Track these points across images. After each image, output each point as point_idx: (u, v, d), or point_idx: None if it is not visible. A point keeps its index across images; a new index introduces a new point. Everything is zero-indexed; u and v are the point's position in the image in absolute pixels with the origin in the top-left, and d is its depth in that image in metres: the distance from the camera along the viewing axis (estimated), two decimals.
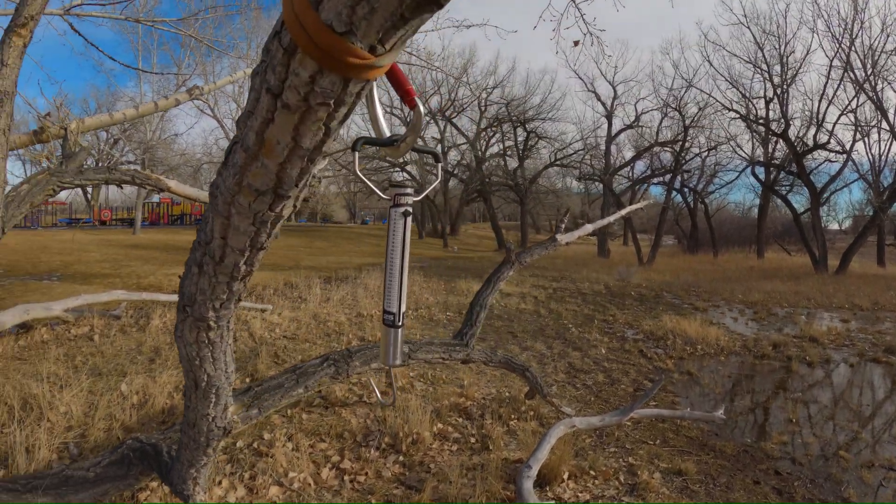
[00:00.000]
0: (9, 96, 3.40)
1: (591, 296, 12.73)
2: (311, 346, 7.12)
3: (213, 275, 1.48)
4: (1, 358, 6.04)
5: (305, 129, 0.89)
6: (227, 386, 2.13)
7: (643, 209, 7.86)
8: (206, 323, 1.69)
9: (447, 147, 39.97)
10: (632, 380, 6.36)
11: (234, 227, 1.25)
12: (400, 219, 1.47)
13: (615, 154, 32.68)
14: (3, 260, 15.97)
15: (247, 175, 1.07)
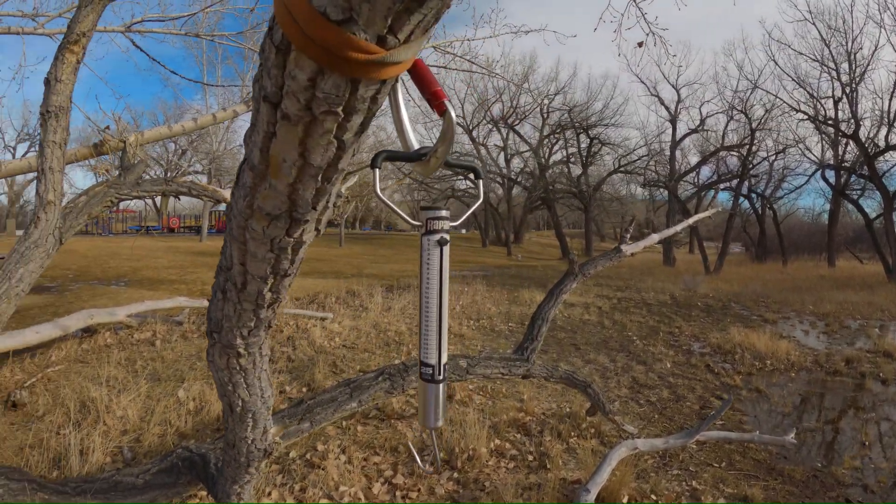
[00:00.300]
0: (63, 111, 3.47)
1: (657, 306, 12.33)
2: (369, 356, 7.05)
3: (238, 302, 1.37)
4: (64, 360, 6.17)
5: (313, 144, 0.75)
6: (265, 410, 2.03)
7: (711, 219, 7.55)
8: (234, 350, 1.59)
9: (510, 155, 39.77)
10: (698, 396, 6.05)
11: (251, 254, 1.13)
12: (434, 248, 1.18)
13: (680, 159, 31.77)
14: (74, 265, 16.57)
15: (257, 197, 0.95)
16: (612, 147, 35.76)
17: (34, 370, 5.80)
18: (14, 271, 3.47)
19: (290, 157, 0.79)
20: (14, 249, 3.55)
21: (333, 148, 0.77)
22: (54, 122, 3.46)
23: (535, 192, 36.85)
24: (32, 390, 5.22)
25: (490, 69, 7.13)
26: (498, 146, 40.39)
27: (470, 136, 38.66)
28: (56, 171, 3.53)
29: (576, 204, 38.96)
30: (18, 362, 5.96)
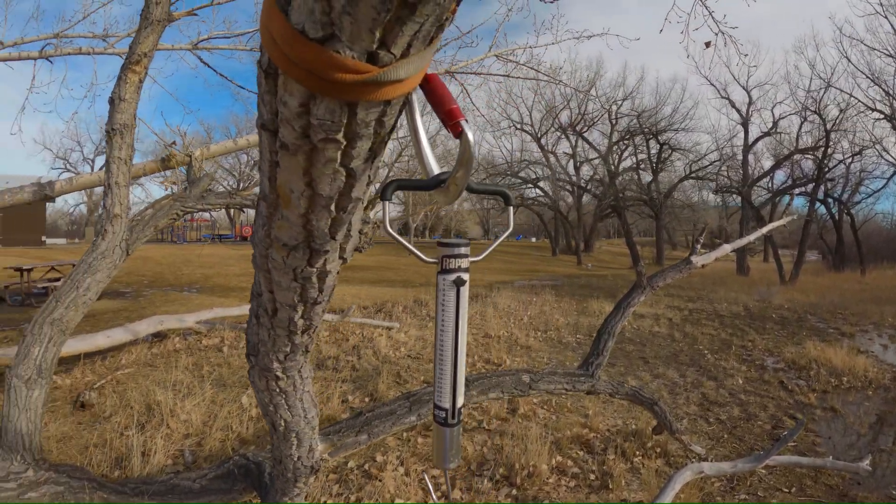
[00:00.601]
0: (128, 128, 3.57)
1: (729, 318, 11.89)
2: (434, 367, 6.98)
3: (271, 327, 1.33)
4: (133, 364, 6.35)
5: (318, 174, 0.69)
6: (310, 430, 1.99)
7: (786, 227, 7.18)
8: (272, 373, 1.55)
9: (579, 162, 39.32)
10: (770, 415, 5.76)
11: (276, 282, 1.09)
12: (450, 289, 1.03)
13: (753, 164, 30.54)
14: (149, 272, 17.17)
15: (273, 228, 0.90)
16: (683, 152, 34.81)
17: (104, 372, 5.99)
18: (82, 281, 3.56)
19: (296, 187, 0.73)
20: (82, 260, 3.65)
21: (342, 177, 0.70)
22: (119, 139, 3.56)
23: (605, 200, 36.21)
24: (101, 392, 5.39)
25: (554, 76, 7.00)
26: (567, 153, 40.02)
27: (538, 143, 38.43)
28: (122, 186, 3.62)
29: (646, 211, 38.16)
30: (89, 364, 6.17)
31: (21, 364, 3.29)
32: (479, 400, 3.55)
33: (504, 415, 5.28)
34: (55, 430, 4.58)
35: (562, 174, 39.15)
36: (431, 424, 3.82)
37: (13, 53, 7.10)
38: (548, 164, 38.20)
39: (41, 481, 3.02)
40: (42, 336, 3.40)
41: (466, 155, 0.79)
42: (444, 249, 1.04)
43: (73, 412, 5.01)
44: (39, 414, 3.30)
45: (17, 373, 3.27)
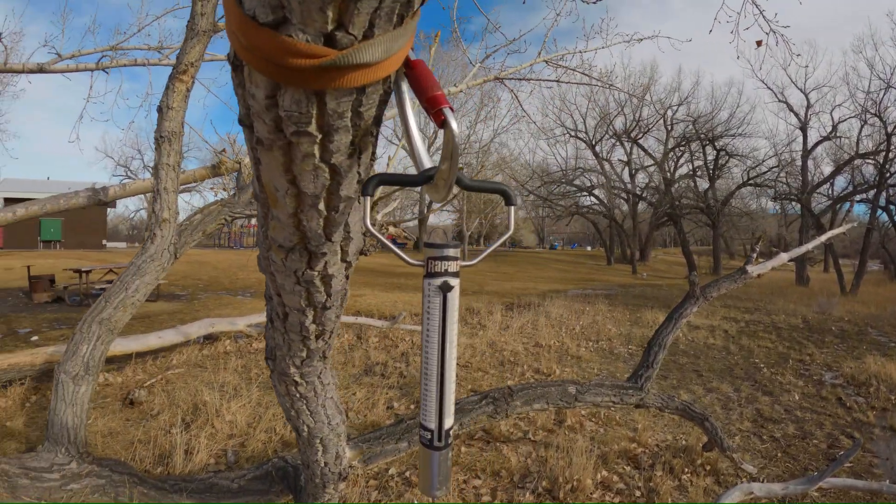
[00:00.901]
0: (176, 135, 3.66)
1: (787, 330, 11.48)
2: (483, 376, 6.96)
3: (284, 332, 1.30)
4: (184, 364, 6.47)
5: (299, 170, 0.65)
6: (335, 437, 1.96)
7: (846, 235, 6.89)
8: (290, 378, 1.52)
9: (634, 169, 38.75)
10: (826, 434, 5.50)
11: (280, 286, 1.04)
12: (436, 295, 0.92)
13: (812, 170, 29.38)
14: (205, 276, 17.56)
15: (268, 229, 0.86)
16: (740, 158, 33.69)
17: (155, 371, 6.13)
18: (130, 282, 3.64)
19: (280, 185, 0.69)
20: (132, 262, 3.73)
21: (325, 174, 0.66)
22: (167, 146, 3.65)
23: (661, 208, 35.45)
24: (151, 390, 5.50)
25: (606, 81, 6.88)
26: (622, 161, 39.46)
27: (593, 151, 38.02)
28: (170, 192, 3.70)
29: (703, 220, 37.24)
30: (141, 364, 6.32)
31: (69, 360, 3.36)
32: (522, 411, 3.49)
33: (550, 426, 5.18)
34: (103, 426, 4.69)
35: (617, 182, 38.61)
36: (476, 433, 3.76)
37: (71, 65, 7.37)
38: (602, 172, 37.74)
39: (83, 474, 3.08)
40: (91, 334, 3.47)
41: (451, 146, 0.70)
42: (429, 251, 0.92)
43: (122, 409, 5.13)
44: (85, 409, 3.37)
45: (65, 369, 3.35)
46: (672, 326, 4.26)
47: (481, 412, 3.34)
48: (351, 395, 5.69)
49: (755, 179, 32.78)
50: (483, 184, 0.93)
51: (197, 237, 4.01)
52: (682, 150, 36.62)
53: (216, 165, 5.02)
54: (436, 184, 0.78)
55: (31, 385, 5.51)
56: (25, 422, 4.77)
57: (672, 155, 36.96)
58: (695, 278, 4.35)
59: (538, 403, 3.52)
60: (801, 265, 26.50)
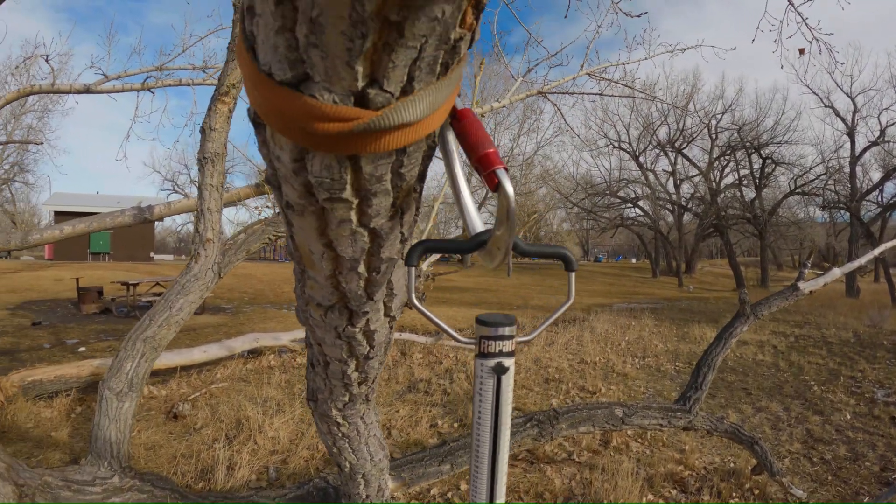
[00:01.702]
0: (219, 156, 3.70)
1: (838, 345, 11.12)
2: (527, 393, 6.88)
3: (325, 377, 1.25)
4: (228, 379, 6.52)
5: (335, 235, 0.60)
6: (377, 472, 1.92)
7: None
8: (332, 420, 1.48)
9: (679, 180, 38.22)
10: (879, 455, 5.27)
11: (321, 339, 0.99)
12: (489, 377, 0.83)
13: (861, 176, 28.58)
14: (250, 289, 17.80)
15: (305, 287, 0.81)
16: (787, 166, 32.93)
17: (199, 385, 6.19)
18: (175, 301, 3.67)
19: (315, 248, 0.65)
20: (176, 281, 3.77)
21: (364, 238, 0.61)
22: (210, 167, 3.68)
23: (707, 219, 34.85)
24: (194, 404, 5.55)
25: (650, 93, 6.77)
26: (666, 171, 38.97)
27: (637, 161, 37.67)
28: (214, 212, 3.74)
29: (750, 230, 36.44)
30: (185, 377, 6.39)
31: (113, 377, 3.39)
32: (568, 433, 3.43)
33: (596, 447, 5.08)
34: (146, 438, 4.75)
35: (661, 192, 38.13)
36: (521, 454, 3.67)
37: (117, 86, 7.54)
38: (647, 183, 37.34)
39: (125, 488, 3.10)
40: (135, 352, 3.50)
41: (506, 210, 0.62)
42: (482, 329, 0.82)
43: (165, 422, 5.19)
44: (129, 425, 3.40)
45: (109, 385, 3.38)
46: (722, 346, 4.15)
47: (526, 435, 3.29)
48: (394, 413, 5.67)
49: (802, 188, 31.96)
50: (542, 248, 0.85)
51: (241, 256, 4.04)
52: (727, 158, 35.96)
53: (260, 184, 5.07)
54: (489, 250, 0.71)
55: (76, 396, 5.62)
56: (70, 433, 4.85)
57: (717, 164, 36.33)
58: (745, 296, 4.23)
59: (584, 426, 3.45)
60: (850, 276, 25.68)
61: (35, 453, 4.43)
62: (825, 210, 33.19)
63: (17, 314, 11.56)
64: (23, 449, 4.49)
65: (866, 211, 27.45)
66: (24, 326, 10.11)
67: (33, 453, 4.43)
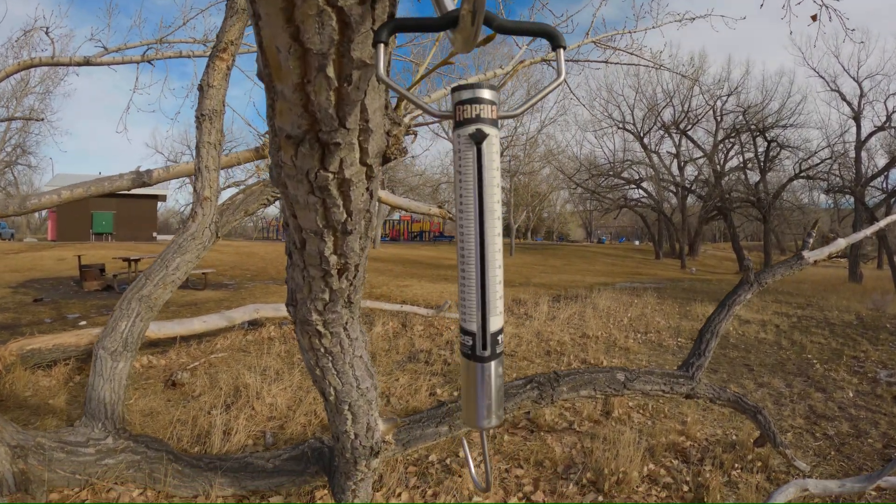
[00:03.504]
0: (217, 114, 3.66)
1: (841, 327, 11.05)
2: (528, 365, 6.87)
3: (303, 267, 1.18)
4: (228, 349, 6.51)
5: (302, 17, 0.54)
6: (365, 404, 1.85)
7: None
8: (312, 327, 1.40)
9: (683, 162, 38.03)
10: (881, 433, 5.23)
11: (293, 200, 0.93)
12: (468, 147, 0.71)
13: (866, 161, 28.39)
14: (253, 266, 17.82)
15: (275, 117, 0.75)
16: (792, 150, 32.49)
17: (199, 355, 6.17)
18: (171, 260, 3.62)
19: (282, 43, 0.59)
20: (173, 241, 3.72)
21: (332, 22, 0.55)
22: (208, 125, 3.63)
23: (711, 201, 34.65)
24: (194, 373, 5.54)
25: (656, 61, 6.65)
26: (671, 153, 38.80)
27: (641, 143, 37.49)
28: (211, 170, 3.68)
29: (754, 214, 36.17)
30: (185, 347, 6.37)
31: (108, 337, 3.35)
32: (569, 397, 3.38)
33: (597, 416, 5.05)
34: (144, 405, 4.73)
35: (665, 174, 37.98)
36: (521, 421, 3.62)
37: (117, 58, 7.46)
38: (651, 164, 37.19)
39: (119, 449, 3.07)
40: (130, 311, 3.46)
41: None
42: (459, 94, 0.71)
43: (164, 390, 5.17)
44: (123, 385, 3.37)
45: (103, 345, 3.34)
46: (725, 313, 4.09)
47: (525, 397, 3.24)
48: (394, 381, 5.66)
49: (807, 172, 31.67)
50: (520, 24, 0.73)
51: (239, 217, 3.99)
52: (731, 141, 35.69)
53: (259, 148, 5.01)
54: (462, 26, 0.62)
55: (75, 365, 5.59)
56: (67, 400, 4.83)
57: (722, 147, 36.09)
58: (749, 263, 4.17)
59: (585, 390, 3.39)
60: (854, 261, 25.60)
61: (32, 420, 4.40)
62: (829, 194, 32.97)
63: (18, 292, 11.54)
64: (20, 416, 4.46)
65: (871, 197, 27.19)
66: (26, 303, 10.09)
67: (31, 420, 4.40)
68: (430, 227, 48.55)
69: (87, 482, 3.04)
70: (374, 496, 3.31)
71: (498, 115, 0.73)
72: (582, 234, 72.54)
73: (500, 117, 0.74)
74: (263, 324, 7.77)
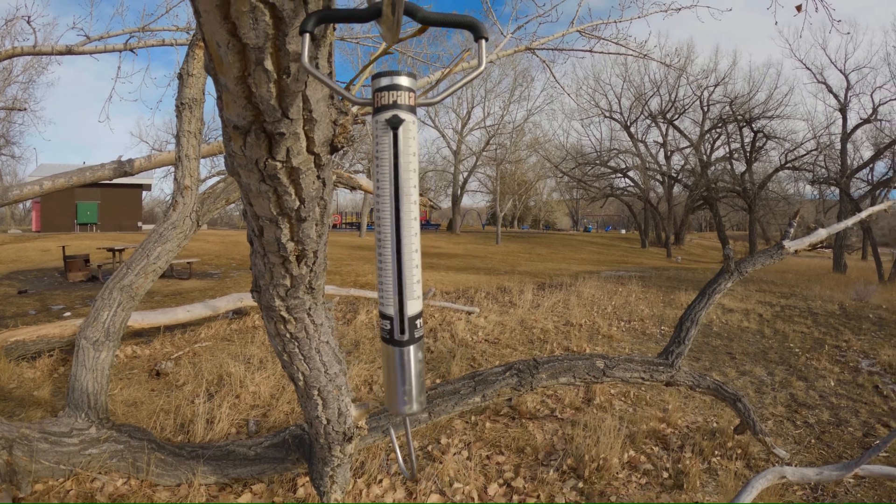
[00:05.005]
0: (197, 103, 3.66)
1: (823, 316, 11.16)
2: (511, 352, 6.91)
3: (263, 253, 1.21)
4: (212, 338, 6.51)
5: (237, 13, 0.56)
6: (335, 390, 1.87)
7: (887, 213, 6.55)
8: (276, 313, 1.43)
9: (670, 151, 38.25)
10: (862, 422, 5.30)
11: (247, 188, 0.95)
12: (384, 133, 0.74)
13: (852, 153, 28.56)
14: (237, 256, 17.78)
15: (223, 108, 0.77)
16: (778, 141, 32.91)
17: (183, 345, 6.18)
18: (152, 249, 3.62)
19: (220, 38, 0.61)
20: (154, 230, 3.71)
21: (265, 18, 0.57)
22: (188, 113, 3.63)
23: (697, 191, 34.88)
24: (178, 362, 5.55)
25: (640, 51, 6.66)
26: (657, 142, 39.05)
27: (628, 132, 37.65)
28: (192, 159, 3.68)
29: (739, 204, 36.50)
30: (169, 337, 6.36)
31: (90, 327, 3.35)
32: (548, 384, 3.41)
33: (578, 404, 5.09)
34: (128, 395, 4.73)
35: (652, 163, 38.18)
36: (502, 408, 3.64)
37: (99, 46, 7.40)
38: (638, 153, 37.37)
39: (102, 439, 3.08)
40: (112, 301, 3.46)
41: None
42: (377, 81, 0.73)
43: (148, 380, 5.17)
44: (106, 375, 3.37)
45: (85, 335, 3.34)
46: (705, 302, 4.13)
47: (505, 384, 3.27)
48: (376, 369, 5.68)
49: (793, 163, 31.95)
50: (444, 17, 0.75)
51: (220, 205, 3.99)
52: (718, 131, 36.02)
53: None
54: (384, 17, 0.65)
55: (59, 356, 5.58)
56: (52, 391, 4.82)
57: (708, 137, 36.39)
58: (729, 252, 4.19)
59: (564, 377, 3.43)
60: (838, 252, 25.82)
61: (17, 412, 4.39)
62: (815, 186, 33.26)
63: (2, 284, 11.45)
64: (5, 408, 4.45)
65: (856, 188, 27.36)
66: (10, 295, 10.02)
67: (16, 412, 4.39)
68: None
69: (71, 472, 3.05)
70: (356, 482, 3.34)
71: (416, 103, 0.75)
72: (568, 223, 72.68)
73: (419, 104, 0.76)
74: (248, 313, 7.78)
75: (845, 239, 26.40)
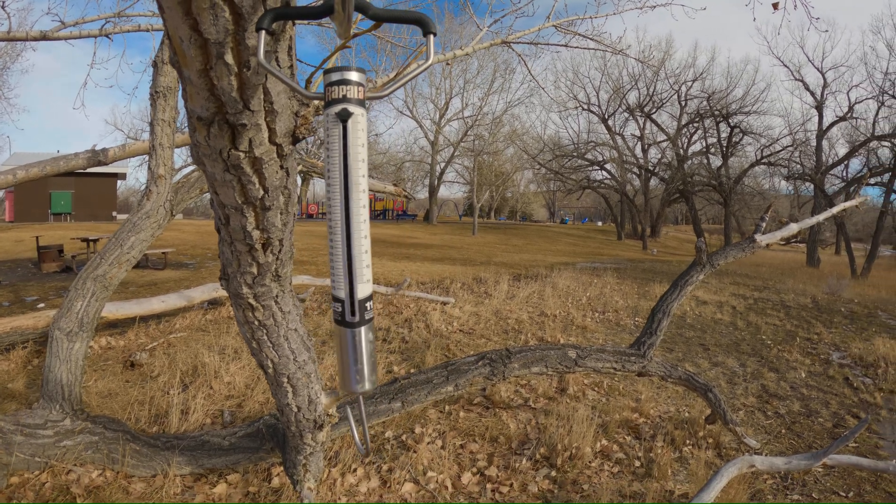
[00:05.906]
0: (171, 91, 3.66)
1: (796, 309, 11.35)
2: (486, 343, 6.95)
3: (230, 242, 1.23)
4: (187, 329, 6.48)
5: (198, 9, 0.58)
6: (304, 377, 1.90)
7: (859, 210, 6.68)
8: (244, 300, 1.45)
9: (647, 145, 38.53)
10: (832, 413, 5.41)
11: (212, 177, 0.97)
12: (334, 126, 0.77)
13: (827, 150, 29.03)
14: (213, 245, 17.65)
15: (187, 100, 0.80)
16: (754, 136, 33.46)
17: (157, 335, 6.14)
18: (126, 239, 3.60)
19: (183, 33, 0.63)
20: (127, 219, 3.69)
21: (225, 14, 0.59)
22: (163, 102, 3.61)
23: (673, 184, 35.24)
24: (153, 353, 5.51)
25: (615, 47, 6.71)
26: (635, 136, 39.32)
27: (605, 124, 37.86)
28: (166, 147, 3.66)
29: (715, 197, 37.00)
30: (144, 328, 6.32)
31: (63, 317, 3.33)
32: (520, 374, 3.45)
33: (552, 393, 5.15)
34: (102, 387, 4.70)
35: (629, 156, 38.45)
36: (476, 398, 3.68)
37: (74, 32, 7.29)
38: (615, 146, 37.60)
39: (77, 430, 3.07)
40: (85, 291, 3.44)
41: None
42: (328, 77, 0.77)
43: (122, 371, 5.14)
44: (80, 366, 3.35)
45: (59, 325, 3.32)
46: (677, 293, 4.19)
47: (477, 373, 3.30)
48: None
49: (769, 158, 32.44)
50: (393, 13, 0.78)
51: (195, 194, 3.97)
52: (695, 126, 36.41)
53: None
54: (335, 14, 0.69)
55: (33, 348, 5.52)
56: (26, 383, 4.77)
57: (685, 131, 36.75)
58: (702, 244, 4.25)
59: (537, 367, 3.47)
60: (812, 247, 26.28)
61: None
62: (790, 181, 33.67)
63: None
64: None
65: (830, 184, 27.82)
66: None
67: None
68: (394, 206, 48.54)
69: (46, 464, 3.04)
70: (330, 471, 3.36)
71: (365, 96, 0.79)
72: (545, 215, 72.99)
73: (368, 98, 0.80)
74: (223, 303, 7.74)
75: (819, 234, 26.82)
